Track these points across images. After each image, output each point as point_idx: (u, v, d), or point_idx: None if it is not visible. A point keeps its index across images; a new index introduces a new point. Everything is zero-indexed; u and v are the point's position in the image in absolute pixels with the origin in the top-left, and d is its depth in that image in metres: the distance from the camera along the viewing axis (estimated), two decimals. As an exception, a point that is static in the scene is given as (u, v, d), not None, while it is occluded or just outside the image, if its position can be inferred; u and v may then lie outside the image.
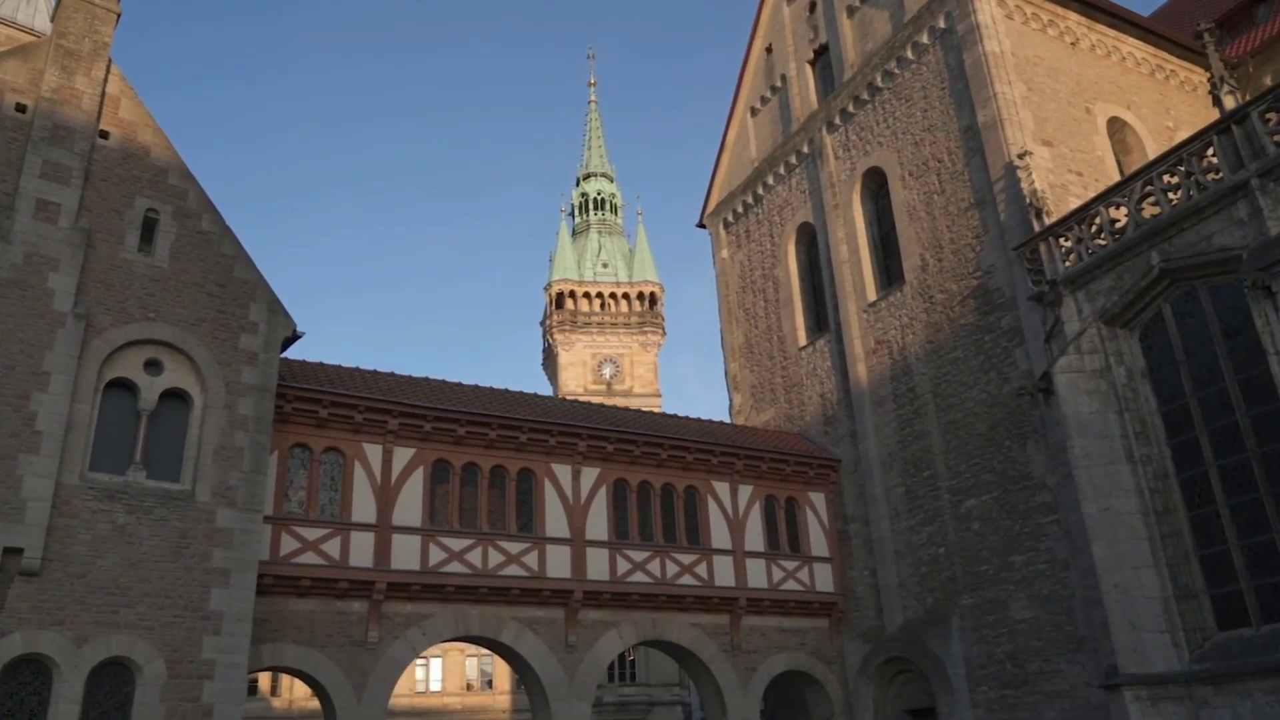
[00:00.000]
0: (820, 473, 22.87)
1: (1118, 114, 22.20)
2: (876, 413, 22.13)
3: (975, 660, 18.67)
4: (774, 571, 21.57)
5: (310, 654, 16.59)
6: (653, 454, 20.71)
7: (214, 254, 16.02)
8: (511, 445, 19.25)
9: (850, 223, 23.89)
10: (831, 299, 24.12)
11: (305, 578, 16.55)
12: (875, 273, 23.30)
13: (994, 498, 18.86)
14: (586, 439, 19.92)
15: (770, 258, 26.92)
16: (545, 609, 19.04)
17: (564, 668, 18.87)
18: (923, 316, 21.30)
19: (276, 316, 16.36)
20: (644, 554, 20.08)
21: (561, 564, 19.10)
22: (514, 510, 19.04)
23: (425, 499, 18.19)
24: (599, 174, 72.26)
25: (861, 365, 22.74)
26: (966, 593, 19.11)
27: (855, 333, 23.06)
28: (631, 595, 19.66)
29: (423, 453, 18.46)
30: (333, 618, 16.98)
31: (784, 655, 21.44)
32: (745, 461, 21.78)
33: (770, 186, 27.29)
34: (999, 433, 18.98)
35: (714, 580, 20.70)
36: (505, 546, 18.62)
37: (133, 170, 15.63)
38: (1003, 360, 19.15)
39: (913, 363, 21.35)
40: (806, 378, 24.79)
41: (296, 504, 17.16)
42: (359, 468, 17.78)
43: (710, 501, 21.37)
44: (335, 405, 17.52)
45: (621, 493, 20.51)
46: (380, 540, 17.46)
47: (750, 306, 27.51)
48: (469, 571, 18.09)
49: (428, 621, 17.88)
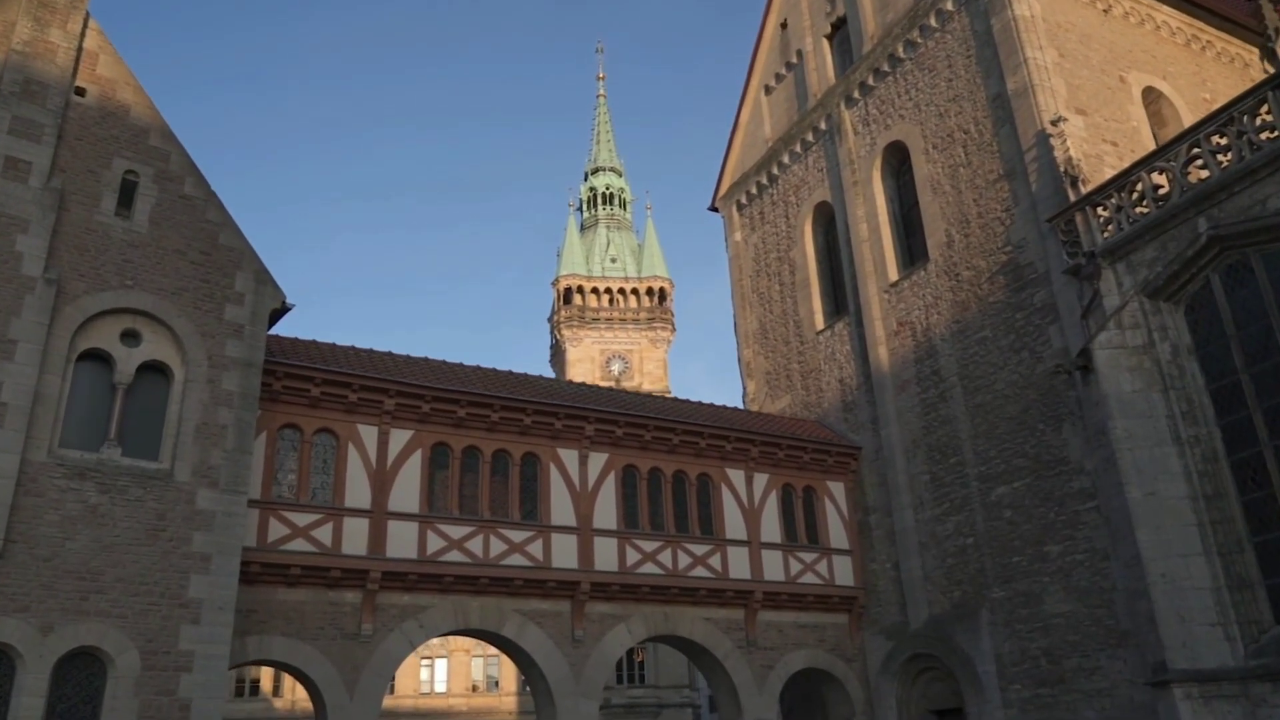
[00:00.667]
0: (839, 461, 21.78)
1: (1153, 84, 21.08)
2: (899, 397, 21.03)
3: (1007, 657, 17.55)
4: (791, 564, 20.48)
5: (299, 647, 15.59)
6: (664, 439, 19.66)
7: (197, 220, 15.06)
8: (515, 428, 18.22)
9: (870, 200, 22.82)
10: (851, 280, 23.05)
11: (295, 566, 15.55)
12: (897, 252, 22.22)
13: (1027, 484, 17.75)
14: (594, 422, 18.88)
15: (786, 239, 25.86)
16: (550, 601, 17.99)
17: (570, 663, 17.83)
18: (948, 295, 20.21)
19: (264, 287, 15.39)
20: (655, 544, 19.03)
21: (568, 554, 18.05)
22: (517, 497, 18.01)
23: (423, 484, 17.17)
24: (608, 168, 71.24)
25: (883, 348, 21.66)
26: (997, 585, 17.99)
27: (876, 314, 21.98)
28: (641, 587, 18.60)
29: (421, 435, 17.45)
30: (324, 609, 15.98)
31: (802, 652, 20.35)
32: (761, 448, 20.71)
33: (786, 165, 26.24)
34: (1032, 415, 17.87)
35: (728, 572, 19.63)
36: (508, 535, 17.59)
37: (111, 130, 14.68)
38: (1035, 339, 18.04)
39: (938, 344, 20.26)
40: (824, 363, 23.71)
41: (286, 488, 16.17)
42: (353, 450, 16.77)
43: (724, 490, 20.30)
44: (328, 384, 16.53)
45: (631, 480, 19.46)
46: (375, 527, 16.45)
47: (765, 290, 26.45)
48: (469, 561, 17.07)
49: (425, 613, 16.86)
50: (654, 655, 49.91)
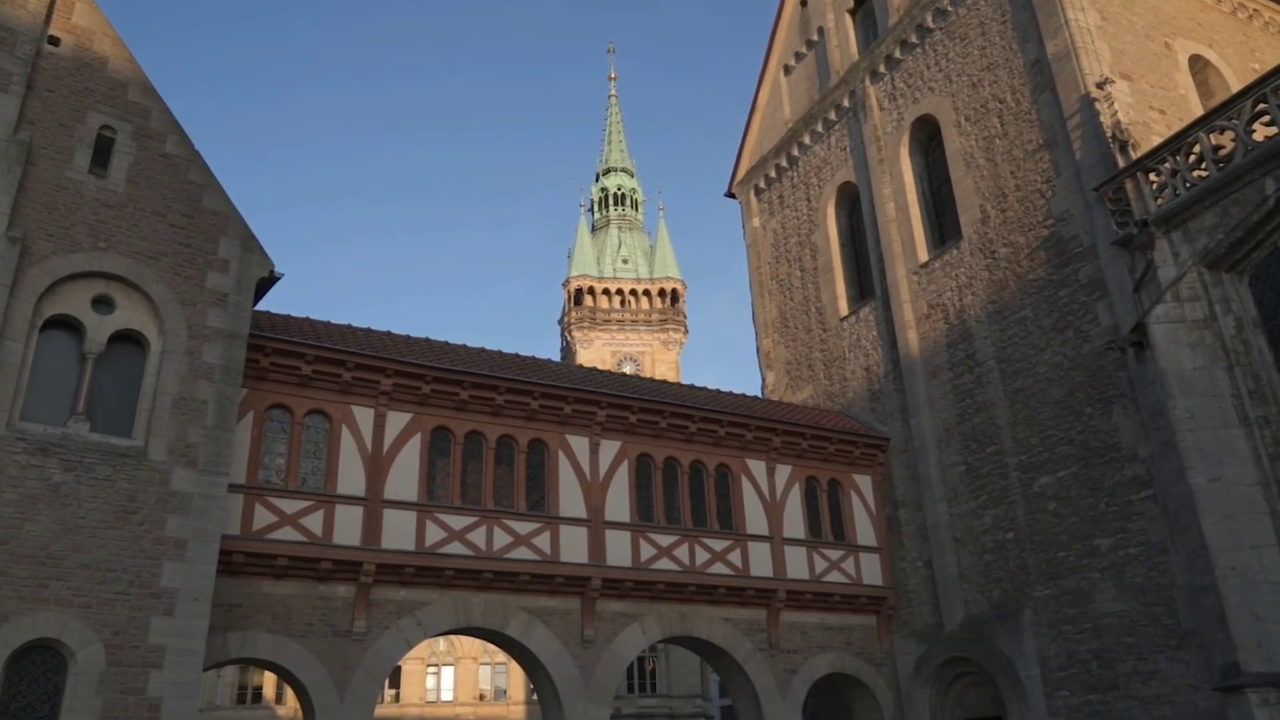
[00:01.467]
0: (866, 453, 20.48)
1: (1200, 52, 19.83)
2: (930, 384, 19.75)
3: (1053, 660, 16.20)
4: (816, 561, 19.18)
5: (286, 644, 14.38)
6: (680, 427, 18.42)
7: (179, 181, 13.95)
8: (521, 413, 17.02)
9: (898, 178, 21.59)
10: (877, 262, 21.80)
11: (282, 556, 14.36)
12: (927, 231, 20.98)
13: (1073, 473, 16.42)
14: (606, 408, 17.65)
15: (807, 223, 24.64)
16: (558, 598, 16.74)
17: (579, 666, 16.55)
18: (984, 274, 18.94)
19: (250, 254, 14.25)
20: (670, 539, 17.76)
21: (577, 548, 16.80)
22: (523, 486, 16.79)
23: (422, 470, 15.97)
24: (619, 169, 70.31)
25: (912, 333, 20.39)
26: (1041, 583, 16.66)
27: (905, 297, 20.72)
28: (656, 584, 17.33)
29: (420, 418, 16.26)
30: (313, 603, 14.77)
31: (827, 655, 19.02)
32: (783, 438, 19.43)
33: (807, 147, 25.04)
34: (1078, 399, 16.57)
35: (749, 570, 18.34)
36: (513, 526, 16.36)
37: (86, 82, 13.59)
38: (1081, 317, 16.75)
39: (972, 326, 18.98)
40: (849, 350, 22.44)
41: (274, 472, 15.00)
42: (347, 433, 15.60)
43: (745, 482, 19.03)
44: (320, 361, 15.37)
45: (645, 470, 18.22)
46: (370, 516, 15.26)
47: (785, 277, 25.22)
48: (471, 554, 15.84)
49: (423, 610, 15.63)
50: (665, 663, 48.48)
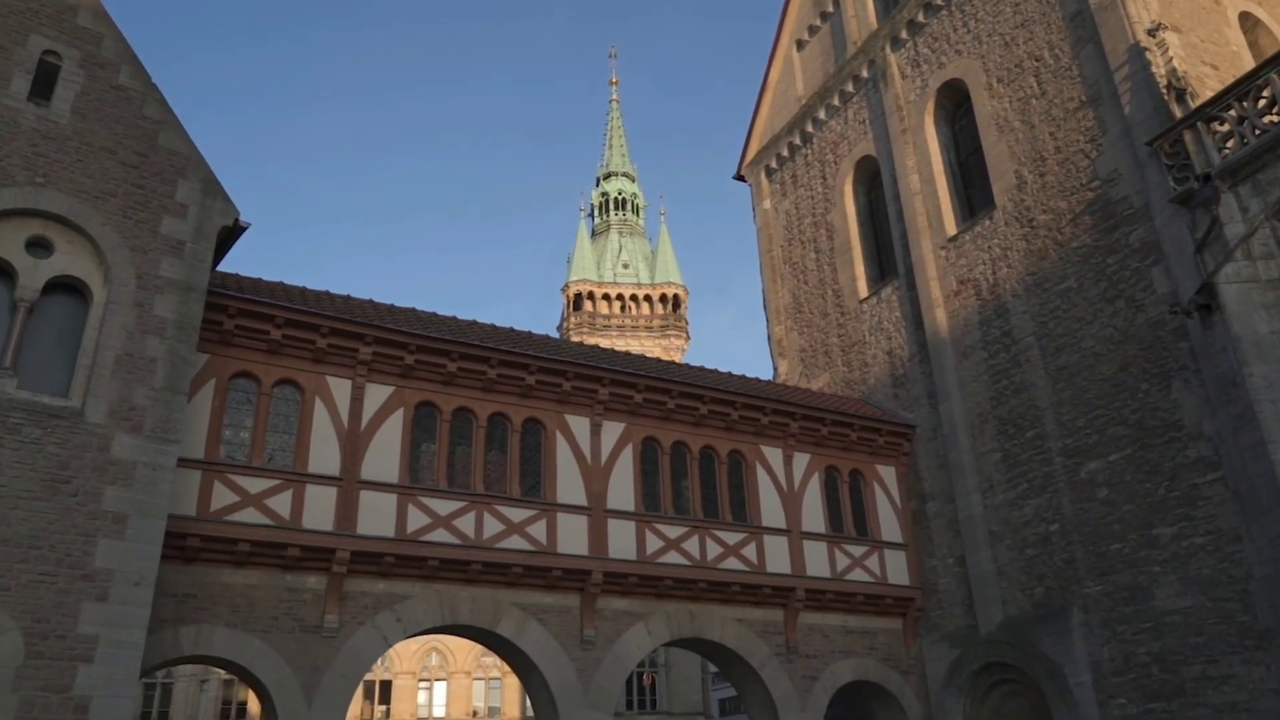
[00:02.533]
0: (890, 441, 18.87)
1: (1249, 9, 18.38)
2: (961, 366, 18.17)
3: (1107, 665, 14.53)
4: (838, 558, 17.53)
5: (247, 641, 12.71)
6: (689, 408, 16.81)
7: (133, 115, 12.41)
8: (516, 389, 15.42)
9: (922, 148, 20.11)
10: (900, 239, 20.27)
11: (244, 541, 12.72)
12: (955, 203, 19.47)
13: (1127, 456, 14.82)
14: (609, 385, 16.05)
15: (823, 202, 23.14)
16: (555, 594, 15.08)
17: (578, 669, 14.87)
18: (1020, 245, 17.41)
19: (212, 200, 12.69)
20: (679, 530, 16.12)
21: (576, 538, 15.17)
22: (517, 469, 15.16)
23: (405, 449, 14.36)
24: (620, 173, 69.00)
25: (940, 311, 18.83)
26: (1091, 579, 15.01)
27: (932, 274, 19.18)
28: (664, 580, 15.67)
29: (403, 392, 14.66)
30: (279, 595, 13.12)
31: (850, 662, 17.33)
32: (801, 423, 17.82)
33: (822, 122, 23.58)
34: (1131, 375, 15.00)
35: (765, 565, 16.68)
36: (505, 513, 14.73)
37: (28, 2, 12.09)
38: (1133, 284, 15.20)
39: (1008, 301, 17.42)
40: (869, 334, 20.88)
41: (236, 448, 13.38)
42: (320, 406, 13.99)
43: (760, 470, 17.41)
44: (292, 325, 13.79)
45: (651, 454, 16.60)
46: (345, 498, 13.63)
47: (798, 260, 23.69)
48: (458, 542, 14.20)
49: (404, 604, 13.96)
50: (666, 678, 46.61)
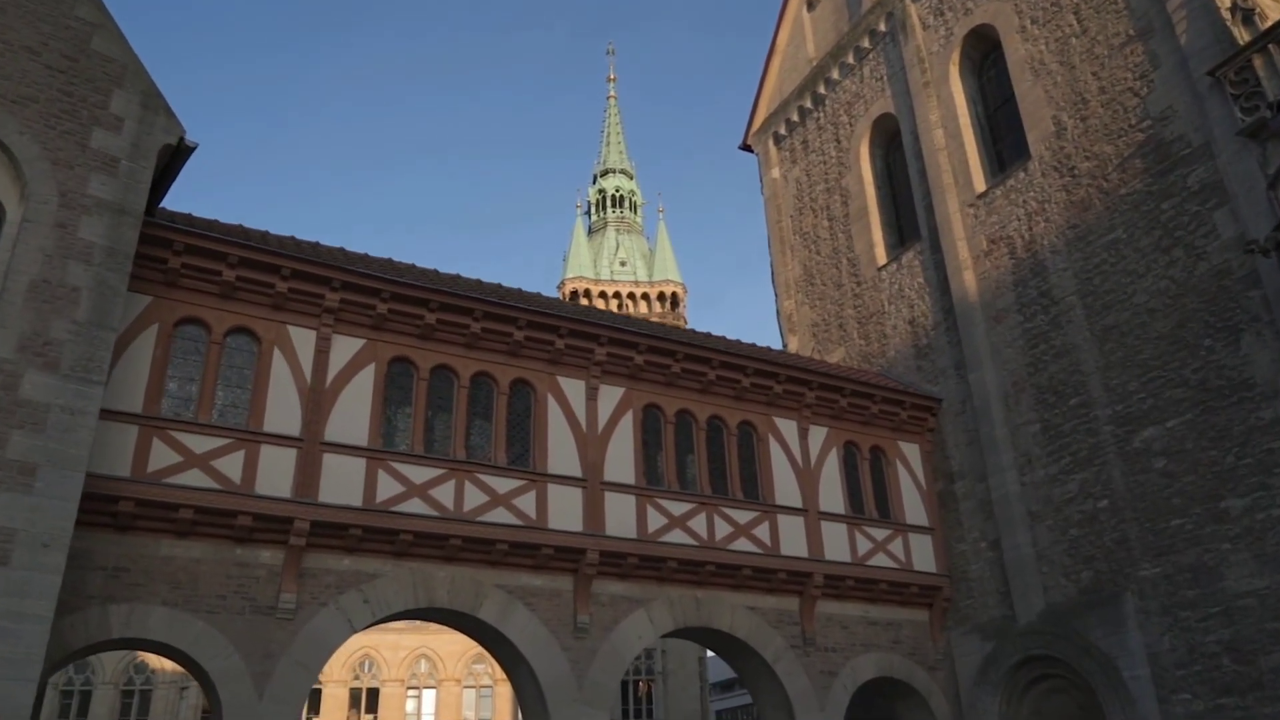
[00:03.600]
0: (914, 416, 17.24)
1: (1304, -53, 16.90)
2: (994, 331, 16.57)
3: (1167, 656, 12.87)
4: (858, 541, 15.87)
5: (189, 623, 11.02)
6: (696, 373, 15.19)
7: (62, 14, 10.81)
8: (503, 345, 13.79)
9: (947, 100, 18.57)
10: (923, 199, 18.71)
11: (186, 507, 11.05)
12: (983, 157, 17.92)
13: (1188, 421, 13.21)
14: (607, 345, 14.42)
15: (836, 167, 21.58)
16: (545, 575, 13.41)
17: (571, 660, 13.18)
18: (1060, 196, 15.84)
19: (153, 115, 11.07)
20: (684, 507, 14.46)
21: (570, 513, 13.51)
22: (503, 434, 13.51)
23: (375, 409, 12.71)
24: (617, 170, 67.43)
25: (969, 274, 17.24)
26: (1148, 560, 13.37)
27: (959, 234, 17.60)
28: (667, 562, 14.00)
29: (375, 346, 13.02)
30: (227, 570, 11.44)
31: (873, 656, 15.65)
32: (818, 393, 16.20)
33: (835, 82, 22.05)
34: (1192, 330, 13.40)
35: (779, 547, 15.03)
36: (489, 483, 13.07)
37: (-63, -119, 10.52)
38: (1192, 230, 13.63)
39: (1046, 258, 15.84)
40: (888, 303, 19.28)
41: (181, 402, 11.72)
42: (280, 358, 12.35)
43: (773, 443, 15.77)
44: (248, 266, 12.16)
45: (653, 423, 14.97)
46: (306, 461, 11.96)
47: (810, 230, 22.12)
48: (435, 514, 12.53)
49: (373, 584, 12.28)
50: (663, 685, 44.74)
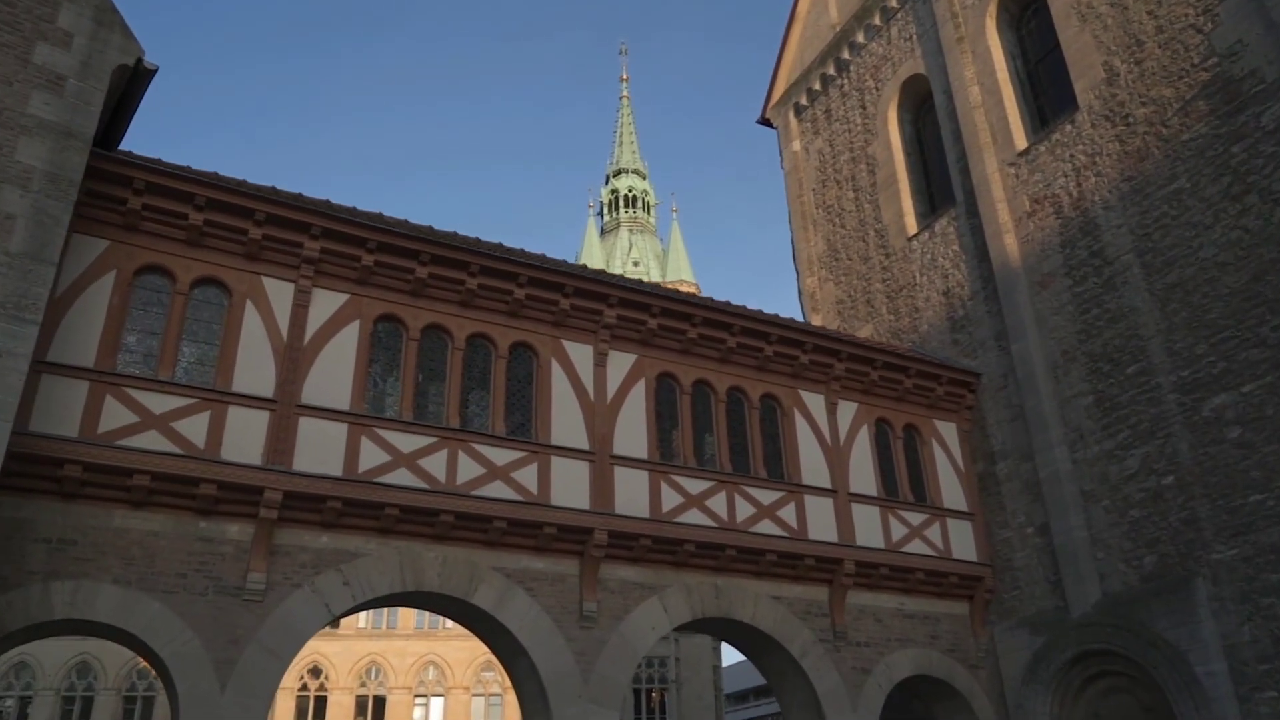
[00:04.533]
0: (951, 392, 15.87)
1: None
2: (1039, 298, 15.20)
3: (1249, 649, 11.42)
4: (892, 526, 14.50)
5: (143, 604, 9.77)
6: (714, 340, 13.88)
7: (3, -81, 9.67)
8: (502, 304, 12.53)
9: (983, 55, 17.25)
10: (957, 161, 17.38)
11: (143, 473, 9.82)
12: (1023, 113, 16.58)
13: (1268, 384, 11.79)
14: (617, 306, 13.14)
15: (862, 135, 20.29)
16: (548, 558, 12.09)
17: (575, 653, 11.84)
18: (1112, 148, 14.49)
19: (107, 33, 9.91)
20: (702, 485, 13.13)
21: (575, 488, 12.20)
22: (501, 401, 12.24)
23: (359, 370, 11.46)
24: (630, 170, 66.35)
25: (1010, 238, 15.89)
26: (1222, 541, 11.94)
27: (998, 195, 16.25)
28: (683, 544, 12.66)
29: (359, 301, 11.79)
30: (189, 546, 10.19)
31: (909, 652, 14.24)
32: (847, 364, 14.86)
33: (860, 46, 20.78)
34: (1270, 285, 11.99)
35: (806, 531, 13.67)
36: (485, 454, 11.78)
37: None
38: (1269, 174, 12.23)
39: (1098, 215, 14.48)
40: (920, 274, 17.94)
41: (140, 358, 10.51)
42: (253, 313, 11.13)
43: (799, 418, 14.44)
44: (218, 209, 10.96)
45: (668, 393, 13.67)
46: (280, 425, 10.71)
47: (834, 203, 20.81)
48: (425, 487, 11.25)
49: (354, 564, 10.99)
50: (676, 695, 43.23)
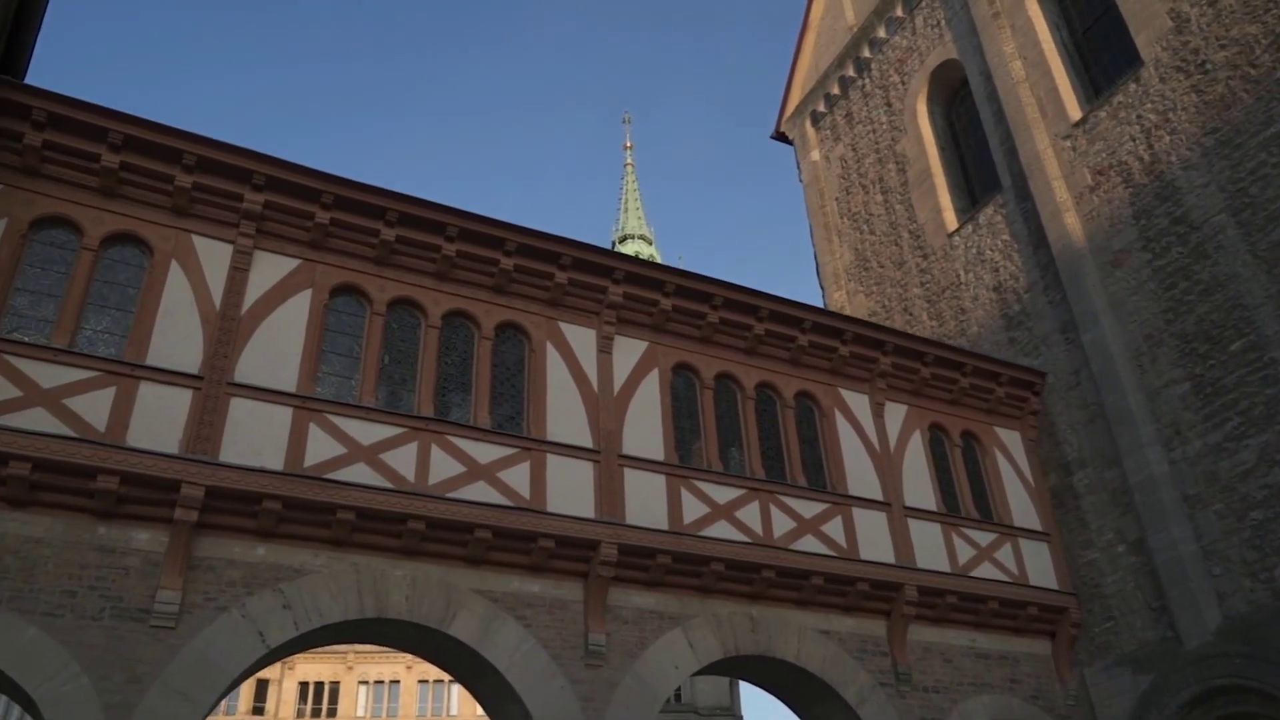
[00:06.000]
0: (1013, 395, 13.67)
1: None
2: (1112, 279, 13.13)
3: None
4: (957, 547, 12.15)
5: (15, 628, 7.51)
6: (739, 327, 11.79)
7: None
8: (486, 277, 10.52)
9: (1024, 27, 15.57)
10: (1002, 143, 15.54)
11: (21, 459, 7.69)
12: (1074, 82, 14.81)
13: None
14: (623, 283, 11.10)
15: (889, 133, 18.55)
16: (545, 578, 9.78)
17: (580, 697, 9.42)
18: (1188, 99, 12.61)
19: (-2, -75, 8.20)
20: (731, 492, 10.87)
21: (577, 493, 9.97)
22: (486, 389, 10.10)
23: (310, 347, 9.39)
24: (636, 235, 65.49)
25: (1070, 216, 13.91)
26: (1382, 540, 9.61)
27: (1054, 172, 14.34)
28: (710, 564, 10.33)
29: (313, 268, 9.80)
30: (81, 556, 7.97)
31: (984, 699, 11.69)
32: (893, 359, 12.71)
33: (882, 42, 19.23)
34: None
35: (857, 550, 11.34)
36: (465, 449, 9.60)
37: None
38: (1394, 100, 10.32)
39: (1177, 176, 12.52)
40: (964, 272, 15.92)
41: (32, 323, 8.49)
42: (179, 275, 9.13)
43: (840, 420, 12.24)
44: (138, 151, 9.07)
45: (686, 388, 11.52)
46: (205, 407, 8.59)
47: (860, 209, 18.96)
48: (390, 487, 9.05)
49: (298, 583, 8.71)
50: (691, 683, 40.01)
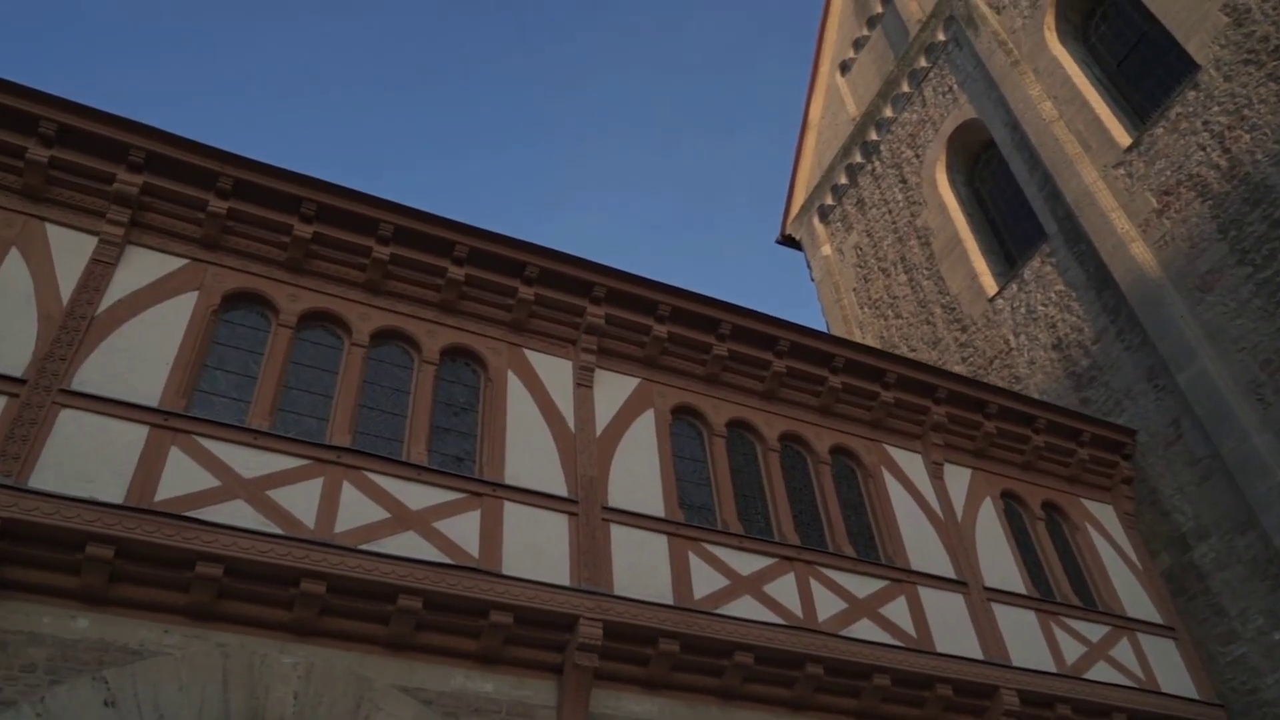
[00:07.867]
0: (1097, 458, 11.04)
1: None
2: (1203, 305, 10.84)
3: None
4: (1061, 640, 9.21)
5: None
6: (753, 363, 9.43)
7: None
8: (431, 290, 8.30)
9: (1049, 69, 14.11)
10: (1041, 189, 13.70)
11: None
12: (1118, 112, 13.15)
13: None
14: (604, 303, 8.88)
15: (907, 210, 16.85)
16: (500, 673, 6.93)
17: None
18: (1264, 90, 10.78)
19: None
20: (757, 561, 8.13)
21: (545, 551, 7.29)
22: (425, 419, 7.65)
23: (185, 354, 7.05)
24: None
25: (1138, 246, 11.81)
26: None
27: (1108, 204, 12.37)
28: (734, 653, 7.47)
29: (202, 270, 7.62)
30: None
31: None
32: (949, 407, 10.24)
33: (890, 121, 17.91)
34: None
35: (931, 640, 8.44)
36: (390, 490, 7.04)
37: None
38: None
39: (1267, 174, 10.49)
40: (1014, 335, 13.67)
41: None
42: (17, 263, 6.96)
43: (889, 480, 9.62)
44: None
45: (690, 436, 9.03)
46: (24, 419, 6.19)
47: (882, 295, 16.98)
48: (276, 532, 6.43)
49: (132, 670, 5.91)
50: None
